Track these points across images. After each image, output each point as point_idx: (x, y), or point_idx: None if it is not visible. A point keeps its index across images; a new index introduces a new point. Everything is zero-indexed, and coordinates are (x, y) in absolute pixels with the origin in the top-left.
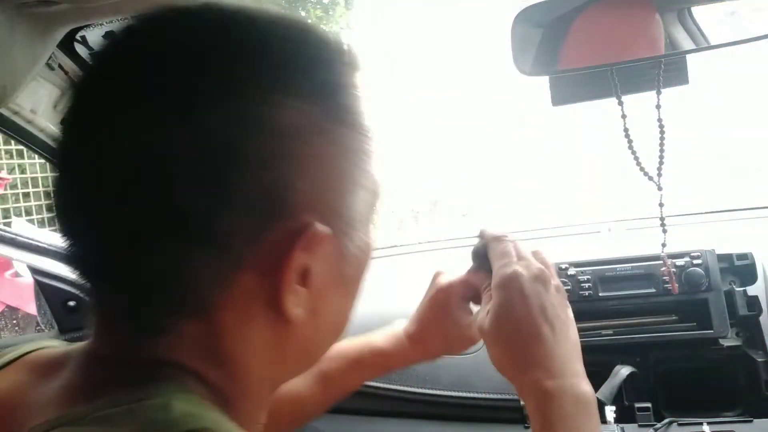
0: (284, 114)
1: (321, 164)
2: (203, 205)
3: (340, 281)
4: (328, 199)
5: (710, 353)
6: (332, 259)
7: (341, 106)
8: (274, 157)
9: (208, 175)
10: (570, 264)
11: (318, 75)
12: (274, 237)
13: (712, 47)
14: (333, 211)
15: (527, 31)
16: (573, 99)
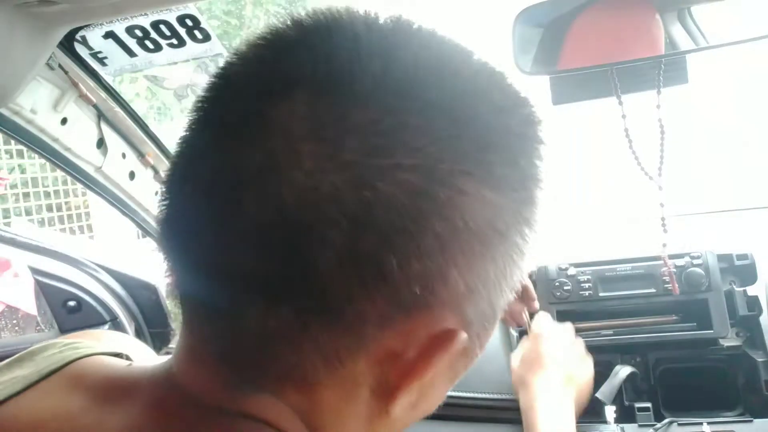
0: (467, 201)
1: (486, 264)
2: (345, 277)
3: (452, 377)
4: (477, 302)
5: (710, 353)
6: (454, 359)
7: (532, 202)
8: (439, 246)
9: (358, 247)
10: (570, 264)
11: (520, 163)
12: (408, 332)
13: (712, 47)
14: (478, 314)
15: (528, 30)
16: (573, 99)
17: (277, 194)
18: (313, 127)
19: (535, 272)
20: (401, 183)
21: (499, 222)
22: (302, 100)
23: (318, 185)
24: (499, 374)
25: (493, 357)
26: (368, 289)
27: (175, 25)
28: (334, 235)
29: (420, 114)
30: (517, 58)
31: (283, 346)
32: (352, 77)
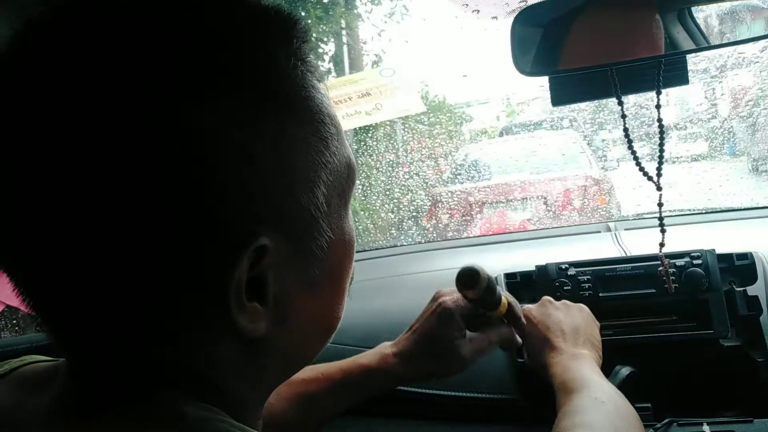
0: (197, 117)
1: (256, 168)
2: (134, 228)
3: (308, 285)
4: (273, 205)
5: (710, 353)
6: (290, 266)
7: (273, 94)
8: (194, 169)
9: (131, 196)
10: (570, 264)
11: (234, 64)
12: (216, 256)
13: (712, 47)
14: (280, 215)
15: (527, 31)
16: (573, 99)
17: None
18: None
19: (535, 272)
20: (128, 126)
21: (242, 125)
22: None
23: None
24: (499, 374)
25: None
26: (154, 230)
27: None
28: (98, 192)
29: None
30: (517, 58)
31: (121, 307)
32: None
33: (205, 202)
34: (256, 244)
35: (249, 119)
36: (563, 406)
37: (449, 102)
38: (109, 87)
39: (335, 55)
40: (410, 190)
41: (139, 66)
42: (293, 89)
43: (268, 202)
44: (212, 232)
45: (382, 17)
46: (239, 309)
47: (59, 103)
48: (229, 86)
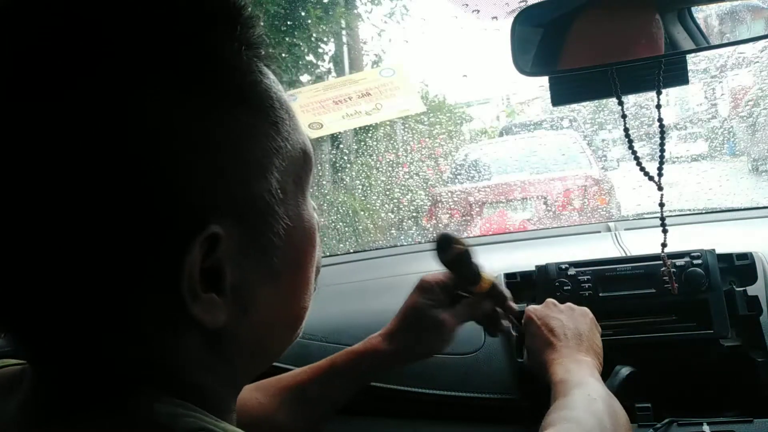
0: (139, 108)
1: (202, 156)
2: (83, 223)
3: (268, 274)
4: (221, 192)
5: (710, 353)
6: (247, 254)
7: (218, 80)
8: (137, 159)
9: (75, 189)
10: (570, 264)
11: (175, 51)
12: (168, 246)
13: (712, 47)
14: (232, 203)
15: (527, 31)
16: (573, 99)
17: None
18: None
19: (535, 272)
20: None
21: (185, 114)
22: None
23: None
24: (499, 374)
25: (493, 357)
26: (104, 225)
27: None
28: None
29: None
30: (517, 58)
31: (80, 305)
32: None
33: (150, 192)
34: (206, 232)
35: (194, 107)
36: (554, 405)
37: (449, 102)
38: (49, 82)
39: (335, 55)
40: (410, 190)
41: (81, 60)
42: (239, 75)
43: (217, 190)
44: (160, 222)
45: (382, 17)
46: (194, 300)
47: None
48: (172, 76)
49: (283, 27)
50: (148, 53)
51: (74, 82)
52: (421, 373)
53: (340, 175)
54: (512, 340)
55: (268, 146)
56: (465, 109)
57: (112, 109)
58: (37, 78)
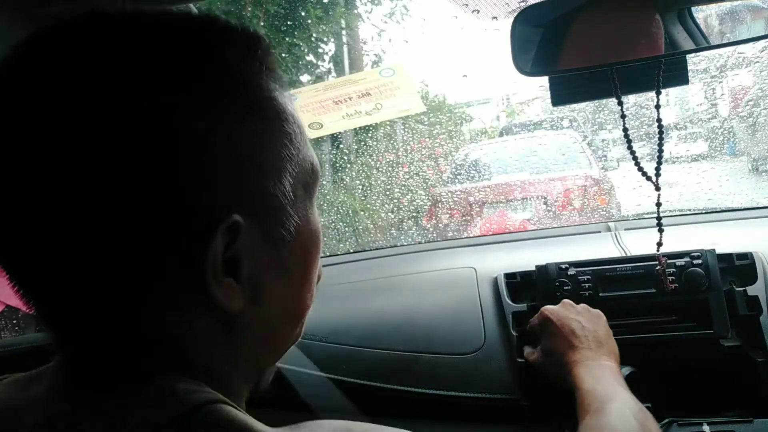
0: (175, 118)
1: (227, 158)
2: (120, 214)
3: (278, 268)
4: (242, 190)
5: (710, 353)
6: (261, 247)
7: (242, 97)
8: (171, 159)
9: (115, 184)
10: (570, 264)
11: (210, 71)
12: (194, 235)
13: (712, 47)
14: (251, 199)
15: (527, 31)
16: (573, 99)
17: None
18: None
19: (535, 272)
20: (122, 126)
21: (214, 124)
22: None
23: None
24: (499, 374)
25: (493, 357)
26: (138, 215)
27: None
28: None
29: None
30: (517, 58)
31: (112, 288)
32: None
33: (182, 187)
34: (229, 221)
35: (220, 118)
36: (589, 418)
37: (449, 102)
38: (101, 96)
39: (335, 55)
40: (410, 190)
41: (126, 78)
42: (258, 92)
43: (240, 187)
44: (189, 212)
45: (382, 17)
46: (217, 283)
47: (56, 109)
48: (203, 92)
49: (283, 27)
50: (186, 75)
51: (122, 98)
52: (421, 373)
53: (340, 175)
54: (513, 340)
55: (283, 153)
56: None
57: (152, 121)
58: (92, 96)
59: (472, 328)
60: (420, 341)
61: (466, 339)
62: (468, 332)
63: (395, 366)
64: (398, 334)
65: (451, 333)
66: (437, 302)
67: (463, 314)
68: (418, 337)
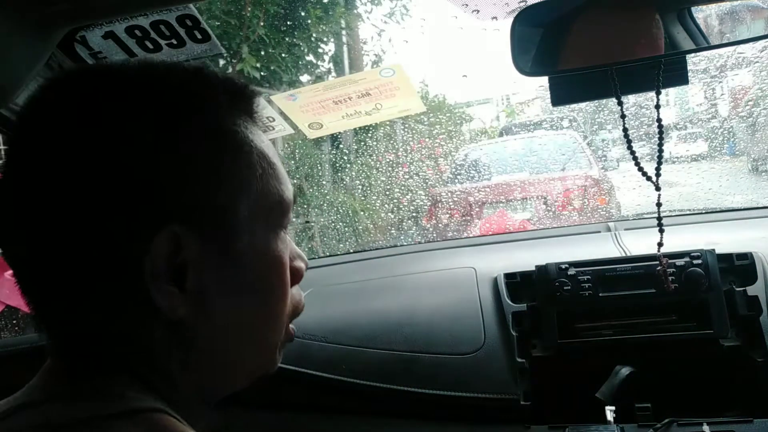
0: (132, 144)
1: (169, 177)
2: (81, 218)
3: (228, 287)
4: (188, 205)
5: (710, 353)
6: (212, 264)
7: (213, 133)
8: (122, 176)
9: (79, 194)
10: (570, 264)
11: (181, 114)
12: (136, 239)
13: (712, 47)
14: (200, 216)
15: (527, 31)
16: (573, 99)
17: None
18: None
19: (535, 272)
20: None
21: (173, 150)
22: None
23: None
24: (499, 374)
25: (494, 357)
26: (86, 219)
27: (175, 25)
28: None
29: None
30: (517, 58)
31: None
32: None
33: (125, 196)
34: (168, 229)
35: (180, 143)
36: None
37: (449, 102)
38: (78, 133)
39: (335, 55)
40: (410, 190)
41: (115, 116)
42: (232, 133)
43: (184, 202)
44: (131, 218)
45: (382, 17)
46: (157, 289)
47: (64, 143)
48: (172, 121)
49: (283, 27)
50: (159, 107)
51: (97, 134)
52: (421, 373)
53: (340, 175)
54: (513, 341)
55: (242, 182)
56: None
57: (121, 136)
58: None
59: (472, 328)
60: (420, 341)
61: (466, 339)
62: (468, 332)
63: (395, 366)
64: (398, 334)
65: (451, 333)
66: (437, 302)
67: (463, 314)
68: (418, 337)
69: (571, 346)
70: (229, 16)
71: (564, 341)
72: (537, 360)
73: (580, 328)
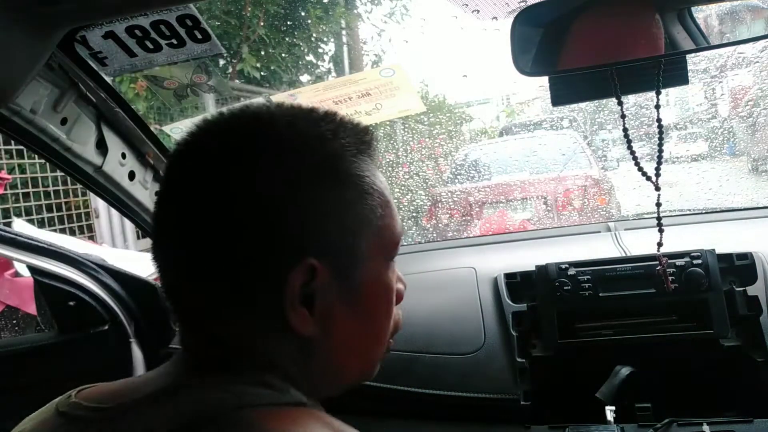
0: (273, 186)
1: (307, 217)
2: (231, 250)
3: (349, 309)
4: (321, 241)
5: (710, 353)
6: (334, 289)
7: (337, 173)
8: (269, 217)
9: (232, 229)
10: (570, 264)
11: (310, 158)
12: (278, 270)
13: (712, 47)
14: (329, 250)
15: (527, 31)
16: (573, 99)
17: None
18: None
19: (535, 272)
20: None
21: (307, 190)
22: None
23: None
24: (499, 374)
25: (494, 357)
26: (240, 251)
27: (175, 25)
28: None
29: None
30: (517, 58)
31: (213, 308)
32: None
33: (270, 235)
34: (306, 262)
35: (309, 188)
36: None
37: (449, 102)
38: (227, 176)
39: (335, 55)
40: (410, 190)
41: (255, 161)
42: (361, 178)
43: (318, 239)
44: (275, 253)
45: (382, 17)
46: (292, 310)
47: (212, 180)
48: (311, 169)
49: (283, 27)
50: (297, 159)
51: (242, 176)
52: (421, 373)
53: None
54: (513, 341)
55: (362, 219)
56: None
57: (269, 183)
58: (231, 176)
59: (472, 328)
60: (420, 341)
61: (466, 339)
62: (468, 332)
63: (395, 366)
64: (398, 334)
65: (451, 333)
66: (437, 302)
67: (463, 314)
68: (418, 337)
69: (571, 346)
70: (229, 16)
71: (564, 341)
72: (537, 360)
73: (580, 328)
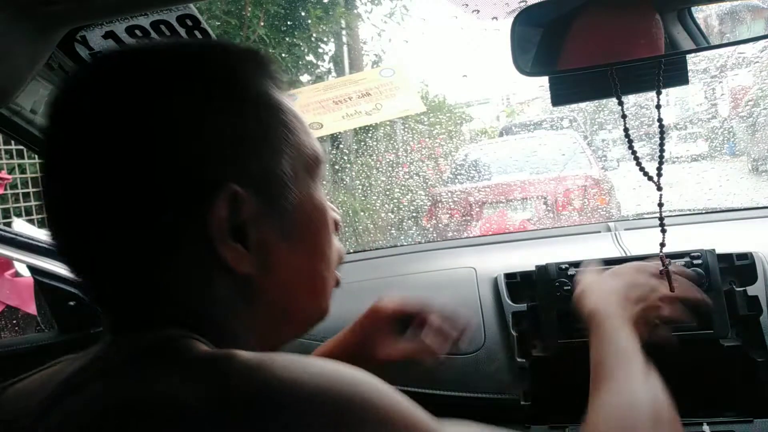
0: (184, 114)
1: (222, 141)
2: (142, 185)
3: (284, 236)
4: (241, 166)
5: (710, 353)
6: (267, 217)
7: (248, 96)
8: (180, 144)
9: (139, 161)
10: (570, 264)
11: (212, 81)
12: (199, 201)
13: (712, 47)
14: (252, 175)
15: (527, 31)
16: (573, 99)
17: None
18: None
19: (535, 272)
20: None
21: (220, 111)
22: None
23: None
24: (499, 374)
25: (493, 357)
26: (151, 188)
27: (175, 25)
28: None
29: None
30: (517, 58)
31: (126, 261)
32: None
33: (186, 163)
34: (227, 190)
35: (222, 108)
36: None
37: (449, 102)
38: (131, 107)
39: (335, 55)
40: (410, 190)
41: (146, 93)
42: (264, 94)
43: (238, 164)
44: (193, 183)
45: (382, 17)
46: (224, 245)
47: (98, 115)
48: (215, 91)
49: (283, 27)
50: (203, 81)
51: (148, 105)
52: (421, 373)
53: (340, 175)
54: (513, 341)
55: (282, 139)
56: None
57: (166, 116)
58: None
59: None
60: None
61: (466, 339)
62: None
63: (395, 366)
64: None
65: None
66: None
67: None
68: None
69: (571, 346)
70: (229, 16)
71: (564, 341)
72: (537, 360)
73: (581, 328)
